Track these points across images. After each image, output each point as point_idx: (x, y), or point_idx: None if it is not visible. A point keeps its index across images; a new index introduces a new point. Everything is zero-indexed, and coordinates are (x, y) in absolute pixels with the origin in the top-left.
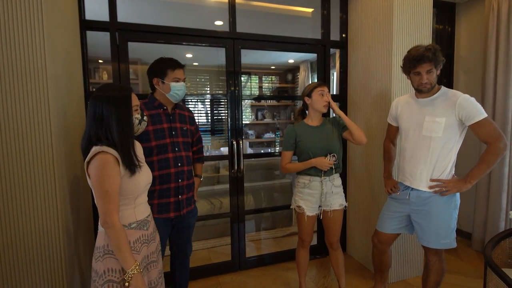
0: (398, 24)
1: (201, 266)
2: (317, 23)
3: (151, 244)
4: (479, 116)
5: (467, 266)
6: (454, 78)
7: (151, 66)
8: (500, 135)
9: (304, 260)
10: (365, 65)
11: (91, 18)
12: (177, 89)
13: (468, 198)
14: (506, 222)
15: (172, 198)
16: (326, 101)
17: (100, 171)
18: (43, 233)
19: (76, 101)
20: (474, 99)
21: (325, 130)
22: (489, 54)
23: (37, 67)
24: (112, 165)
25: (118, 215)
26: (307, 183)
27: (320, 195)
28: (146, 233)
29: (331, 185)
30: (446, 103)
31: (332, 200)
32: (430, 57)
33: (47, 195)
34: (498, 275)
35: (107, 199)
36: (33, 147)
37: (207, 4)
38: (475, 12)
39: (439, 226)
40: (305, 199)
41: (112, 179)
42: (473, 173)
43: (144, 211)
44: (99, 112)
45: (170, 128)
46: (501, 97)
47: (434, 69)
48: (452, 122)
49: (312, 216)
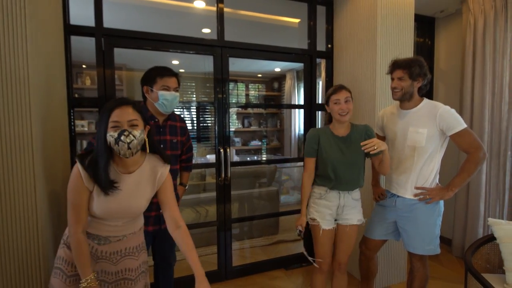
0: (381, 35)
1: (185, 276)
2: (303, 33)
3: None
4: (459, 127)
5: (448, 272)
6: (434, 90)
7: (143, 75)
8: (480, 145)
9: (320, 287)
10: (350, 74)
11: (75, 23)
12: (165, 98)
13: (448, 205)
14: (484, 228)
15: (153, 212)
16: (342, 109)
17: (70, 180)
18: (21, 248)
19: (58, 108)
20: (454, 110)
21: (350, 143)
22: (467, 66)
23: (19, 72)
24: (75, 178)
25: (80, 227)
26: (323, 194)
27: (337, 207)
28: (101, 248)
29: (350, 197)
30: (427, 115)
31: (350, 214)
32: (402, 65)
33: (26, 205)
34: (478, 280)
35: (70, 209)
36: (13, 155)
37: (195, 12)
38: (454, 27)
39: (424, 233)
40: (320, 211)
41: (74, 191)
42: (455, 182)
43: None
44: None
45: (159, 141)
46: (478, 108)
47: (408, 78)
48: (434, 133)
49: (328, 231)
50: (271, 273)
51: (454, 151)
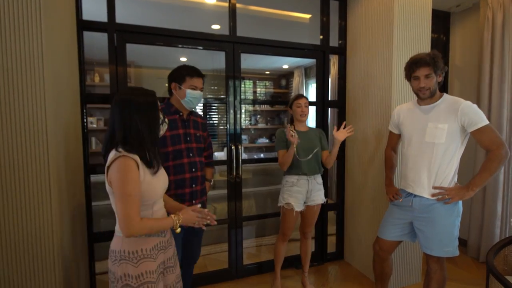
0: (398, 29)
1: (197, 274)
2: (314, 29)
3: (168, 249)
4: (481, 123)
5: (463, 273)
6: (449, 86)
7: (172, 71)
8: (502, 143)
9: (283, 253)
10: (364, 71)
11: (88, 19)
12: (192, 96)
13: (464, 205)
14: (501, 229)
15: (187, 203)
16: (303, 111)
17: (123, 175)
18: (35, 238)
19: (72, 104)
20: (476, 106)
21: (309, 136)
22: (484, 63)
23: (35, 68)
24: (134, 169)
25: (139, 217)
26: (295, 182)
27: (306, 192)
28: (164, 239)
29: (315, 182)
30: (448, 110)
31: (316, 196)
32: (428, 61)
33: (41, 199)
34: (502, 283)
35: (129, 202)
36: (27, 151)
37: (206, 8)
38: (470, 22)
39: (442, 234)
40: (294, 196)
41: (135, 183)
42: (476, 181)
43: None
44: (127, 117)
45: (185, 134)
46: (496, 105)
47: (433, 74)
48: (455, 128)
49: (297, 212)
50: (282, 272)
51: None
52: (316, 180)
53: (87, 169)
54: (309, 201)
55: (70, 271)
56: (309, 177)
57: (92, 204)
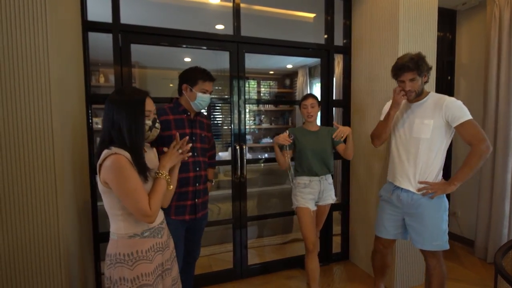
0: (404, 28)
1: (202, 274)
2: (319, 28)
3: (166, 251)
4: (463, 118)
5: (471, 274)
6: (455, 85)
7: (184, 72)
8: (483, 138)
9: (315, 268)
10: (369, 70)
11: (93, 19)
12: (202, 99)
13: (471, 206)
14: (509, 229)
15: (189, 201)
16: (309, 112)
17: (120, 172)
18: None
19: (78, 104)
20: (461, 102)
21: (319, 135)
22: (491, 61)
23: (40, 68)
24: (128, 165)
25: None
26: (307, 183)
27: (318, 192)
28: (160, 241)
29: (327, 182)
30: (434, 106)
31: (327, 196)
32: (411, 67)
33: (47, 198)
34: (511, 285)
35: (135, 196)
36: (34, 150)
37: (210, 8)
38: (476, 19)
39: (431, 228)
40: (306, 197)
41: (134, 177)
42: (457, 176)
43: (157, 218)
44: (110, 115)
45: (191, 134)
46: (503, 105)
47: (418, 77)
48: (440, 124)
49: (313, 211)
50: (287, 272)
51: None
52: (327, 181)
53: (92, 169)
54: (320, 201)
55: (77, 269)
56: (320, 178)
57: (98, 204)
